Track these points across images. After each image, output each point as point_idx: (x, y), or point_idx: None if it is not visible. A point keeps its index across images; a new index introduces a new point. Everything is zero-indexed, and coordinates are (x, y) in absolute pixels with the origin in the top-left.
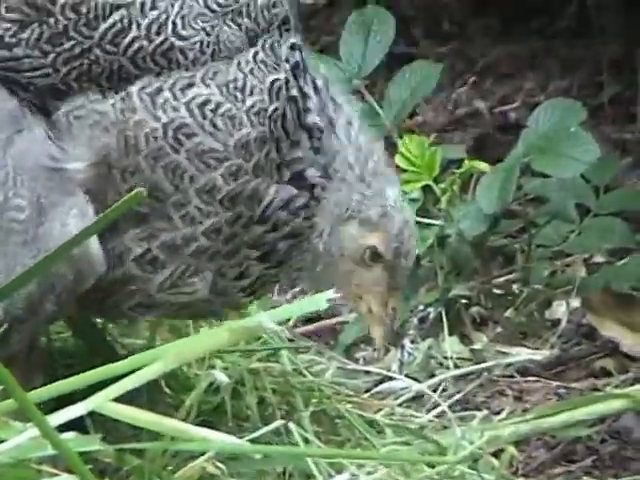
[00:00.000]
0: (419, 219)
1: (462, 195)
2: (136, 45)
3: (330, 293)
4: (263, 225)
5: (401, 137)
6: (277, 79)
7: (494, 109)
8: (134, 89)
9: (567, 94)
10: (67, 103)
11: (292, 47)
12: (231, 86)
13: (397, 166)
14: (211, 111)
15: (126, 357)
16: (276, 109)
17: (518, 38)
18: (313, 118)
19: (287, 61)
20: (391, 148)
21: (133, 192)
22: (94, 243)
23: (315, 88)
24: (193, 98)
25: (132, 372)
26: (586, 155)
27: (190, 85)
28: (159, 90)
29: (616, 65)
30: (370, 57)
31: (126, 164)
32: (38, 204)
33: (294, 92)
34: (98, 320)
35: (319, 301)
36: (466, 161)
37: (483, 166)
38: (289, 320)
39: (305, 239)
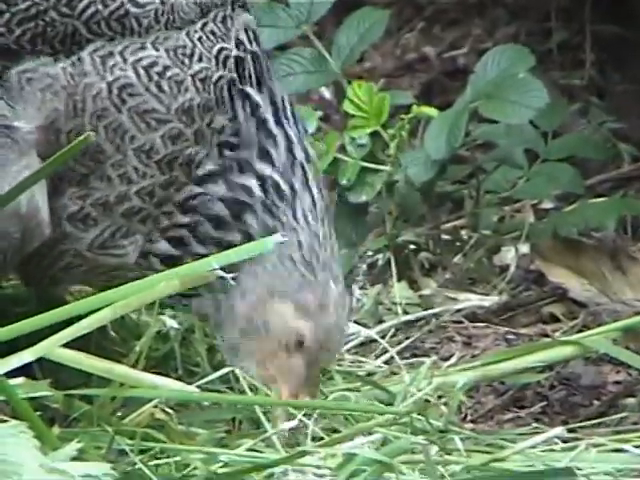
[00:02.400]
0: (367, 165)
1: (410, 141)
2: (92, 9)
3: (277, 236)
4: (187, 214)
5: (349, 83)
6: (224, 47)
7: (442, 55)
8: (85, 52)
9: (515, 40)
10: (20, 65)
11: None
12: (179, 51)
13: (345, 112)
14: (157, 74)
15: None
16: (221, 77)
17: None
18: (269, 170)
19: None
20: (339, 94)
21: (83, 135)
22: (43, 204)
23: (287, 137)
24: (140, 59)
25: (80, 318)
26: (535, 101)
27: (141, 49)
28: (110, 54)
29: (564, 11)
30: (318, 3)
31: (72, 126)
32: None
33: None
34: None
35: (265, 244)
36: (414, 107)
37: (431, 112)
38: None
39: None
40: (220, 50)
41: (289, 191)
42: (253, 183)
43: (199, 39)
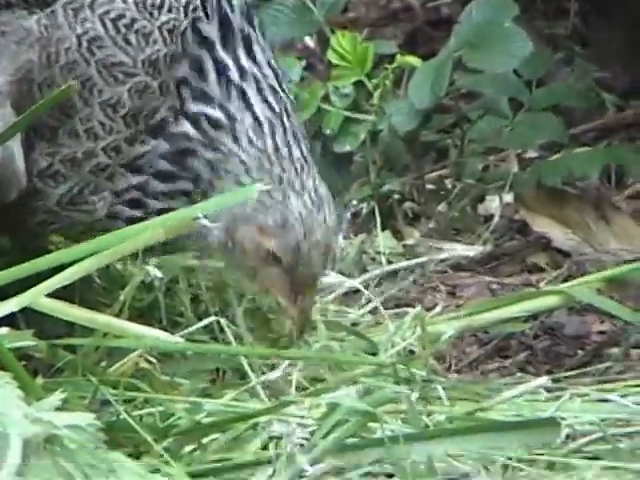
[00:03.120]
0: (351, 114)
1: (394, 90)
2: None
3: (259, 185)
4: (135, 174)
5: (333, 32)
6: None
7: (426, 4)
8: (59, 4)
9: None
10: None
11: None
12: (148, 2)
13: (329, 62)
14: (125, 26)
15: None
16: (187, 28)
17: None
18: (200, 108)
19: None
20: (323, 44)
21: (65, 85)
22: (18, 154)
23: (220, 71)
24: (108, 12)
25: (64, 267)
26: (519, 50)
27: (110, 1)
28: (82, 6)
29: None
30: None
31: (44, 77)
32: None
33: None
34: None
35: (247, 192)
36: (398, 56)
37: (415, 61)
38: None
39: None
40: (189, 0)
41: (225, 119)
42: (187, 127)
43: None
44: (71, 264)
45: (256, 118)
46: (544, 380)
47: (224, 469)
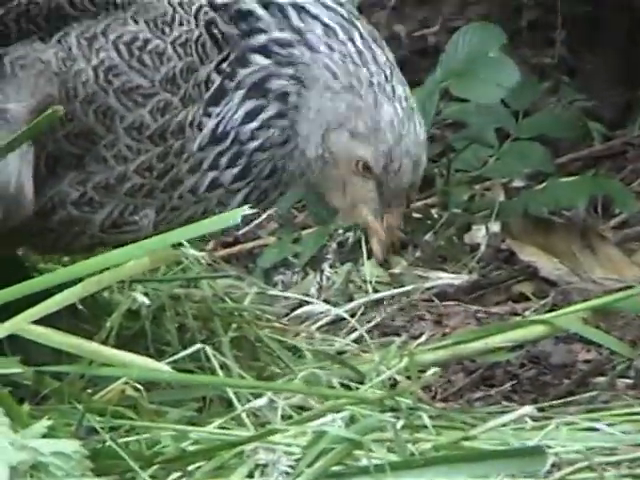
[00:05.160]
0: None
1: None
2: None
3: (245, 209)
4: (219, 144)
5: None
6: (203, 4)
7: (413, 33)
8: (73, 36)
9: (486, 19)
10: (12, 51)
11: None
12: (159, 21)
13: None
14: (138, 48)
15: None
16: (201, 34)
17: None
18: (262, 38)
19: None
20: None
21: (48, 111)
22: (28, 182)
23: (265, 5)
24: (121, 36)
25: (50, 293)
26: (506, 80)
27: (122, 25)
28: (95, 36)
29: None
30: None
31: (64, 112)
32: None
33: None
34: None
35: (233, 216)
36: None
37: None
38: (208, 242)
39: (293, 148)
40: (199, 8)
41: (293, 35)
42: (258, 59)
43: (179, 4)
44: (56, 287)
45: (326, 25)
46: (530, 409)
47: None
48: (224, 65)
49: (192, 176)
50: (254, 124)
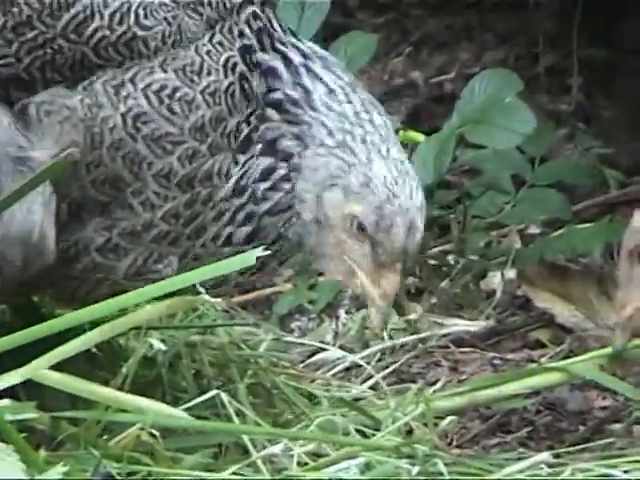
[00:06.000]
0: None
1: None
2: (99, 35)
3: (259, 250)
4: (239, 198)
5: None
6: (232, 55)
7: (429, 80)
8: (99, 83)
9: (503, 65)
10: (37, 97)
11: (254, 16)
12: (187, 69)
13: None
14: (167, 96)
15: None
16: (232, 83)
17: (454, 11)
18: (279, 94)
19: (250, 28)
20: None
21: (52, 162)
22: (50, 233)
23: (285, 59)
24: (150, 84)
25: (67, 339)
26: (522, 126)
27: (150, 73)
28: (122, 83)
29: (552, 36)
30: (306, 27)
31: (91, 158)
32: (4, 189)
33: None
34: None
35: (249, 258)
36: (401, 132)
37: (418, 137)
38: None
39: (293, 214)
40: (228, 59)
41: (299, 93)
42: (271, 113)
43: (207, 53)
44: (69, 331)
45: (328, 86)
46: (546, 455)
47: None
48: (252, 117)
49: (215, 225)
50: (267, 184)
